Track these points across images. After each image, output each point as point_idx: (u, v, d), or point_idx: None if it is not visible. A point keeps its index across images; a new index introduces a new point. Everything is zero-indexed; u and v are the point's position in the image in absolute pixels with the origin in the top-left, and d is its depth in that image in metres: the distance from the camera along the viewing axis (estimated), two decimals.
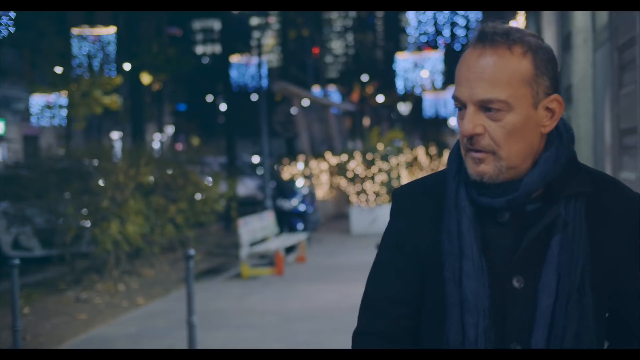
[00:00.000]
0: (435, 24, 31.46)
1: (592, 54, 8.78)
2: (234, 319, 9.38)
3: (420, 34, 38.09)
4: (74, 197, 11.94)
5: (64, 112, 31.89)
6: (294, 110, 22.24)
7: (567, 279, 1.83)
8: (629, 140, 6.43)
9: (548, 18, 12.28)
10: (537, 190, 1.85)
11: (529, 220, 1.86)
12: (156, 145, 44.97)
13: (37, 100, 34.31)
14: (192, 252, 7.28)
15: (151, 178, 12.54)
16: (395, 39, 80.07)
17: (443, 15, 31.39)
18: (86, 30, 36.44)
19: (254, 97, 51.56)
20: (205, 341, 7.95)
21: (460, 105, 1.86)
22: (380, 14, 78.86)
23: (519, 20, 19.29)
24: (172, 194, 13.33)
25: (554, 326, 1.83)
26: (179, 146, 47.86)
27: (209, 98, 66.33)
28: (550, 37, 11.48)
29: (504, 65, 1.81)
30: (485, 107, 1.82)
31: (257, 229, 13.36)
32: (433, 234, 1.91)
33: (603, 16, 8.10)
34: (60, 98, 31.00)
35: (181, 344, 8.05)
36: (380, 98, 62.25)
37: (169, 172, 13.40)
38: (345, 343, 7.08)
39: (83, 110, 32.92)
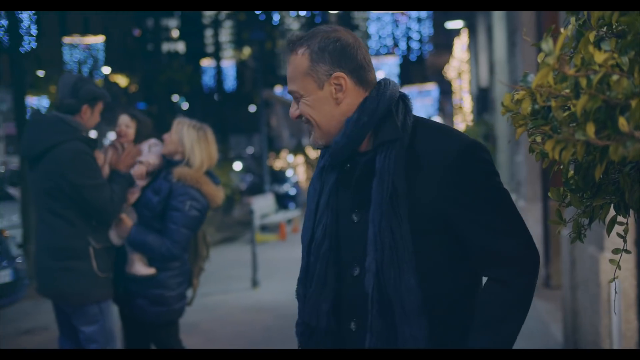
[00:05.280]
0: (394, 38, 35.93)
1: None
2: (268, 262, 13.35)
3: (380, 46, 42.47)
4: None
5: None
6: (276, 112, 26.34)
7: (380, 210, 2.22)
8: None
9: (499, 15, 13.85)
10: (348, 143, 2.30)
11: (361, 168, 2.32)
12: None
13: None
14: (253, 208, 11.25)
15: None
16: None
17: (400, 31, 35.91)
18: (77, 39, 39.80)
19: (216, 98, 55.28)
20: (262, 272, 11.78)
21: None
22: (333, 17, 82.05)
23: (462, 37, 23.26)
24: None
25: (377, 247, 2.24)
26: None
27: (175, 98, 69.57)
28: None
29: (292, 65, 2.35)
30: (294, 96, 2.36)
31: (263, 206, 17.37)
32: None
33: None
34: (43, 99, 32.91)
35: (242, 274, 12.09)
36: None
37: None
38: None
39: None
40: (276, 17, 67.32)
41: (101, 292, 4.97)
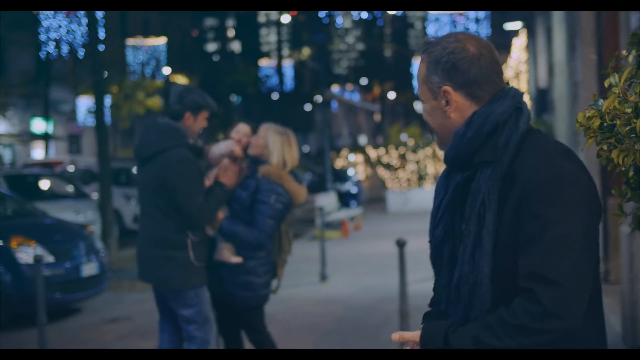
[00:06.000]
0: None
1: None
2: (333, 257, 13.87)
3: None
4: None
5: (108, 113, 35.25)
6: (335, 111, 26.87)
7: (468, 228, 2.28)
8: None
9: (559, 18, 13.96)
10: (457, 156, 2.32)
11: None
12: None
13: (83, 102, 38.03)
14: (320, 205, 11.80)
15: None
16: (404, 42, 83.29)
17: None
18: (139, 41, 40.63)
19: (273, 97, 56.08)
20: (329, 267, 12.33)
21: None
22: (388, 17, 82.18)
23: (521, 37, 23.51)
24: None
25: (459, 262, 2.29)
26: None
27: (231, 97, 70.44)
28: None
29: (418, 70, 2.39)
30: (419, 98, 2.45)
31: (326, 204, 17.92)
32: None
33: None
34: (106, 99, 34.56)
35: (309, 269, 12.63)
36: (392, 95, 66.95)
37: None
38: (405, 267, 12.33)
39: (126, 110, 36.82)
40: (339, 20, 67.65)
41: (197, 279, 5.56)
